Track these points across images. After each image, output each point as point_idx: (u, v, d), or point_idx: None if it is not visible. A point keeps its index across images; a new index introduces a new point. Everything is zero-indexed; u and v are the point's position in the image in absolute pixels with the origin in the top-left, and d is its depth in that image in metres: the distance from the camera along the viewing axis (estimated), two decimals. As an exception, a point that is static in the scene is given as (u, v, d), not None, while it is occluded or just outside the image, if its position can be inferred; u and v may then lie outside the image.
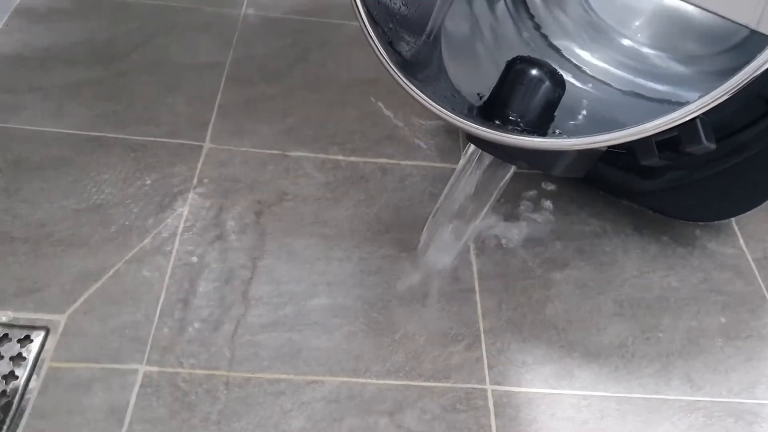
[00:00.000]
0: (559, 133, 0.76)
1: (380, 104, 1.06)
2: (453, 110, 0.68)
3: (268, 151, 1.01)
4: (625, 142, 0.63)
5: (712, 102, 0.58)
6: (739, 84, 0.57)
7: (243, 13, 1.27)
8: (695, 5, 0.84)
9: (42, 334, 0.76)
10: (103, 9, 1.23)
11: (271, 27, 1.24)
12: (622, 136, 0.62)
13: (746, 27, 0.80)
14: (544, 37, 0.92)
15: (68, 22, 1.19)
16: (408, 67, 0.71)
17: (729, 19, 0.81)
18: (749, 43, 0.83)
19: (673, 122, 0.60)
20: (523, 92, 0.74)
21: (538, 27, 0.92)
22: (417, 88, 0.69)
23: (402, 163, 1.01)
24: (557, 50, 0.91)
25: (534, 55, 0.90)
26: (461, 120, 0.67)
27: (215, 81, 1.11)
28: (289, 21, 1.26)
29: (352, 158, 1.01)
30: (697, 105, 0.59)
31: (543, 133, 0.75)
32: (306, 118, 1.07)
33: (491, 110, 0.75)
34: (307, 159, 1.00)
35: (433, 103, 0.68)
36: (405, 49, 0.73)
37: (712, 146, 0.76)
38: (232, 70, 1.14)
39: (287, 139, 1.03)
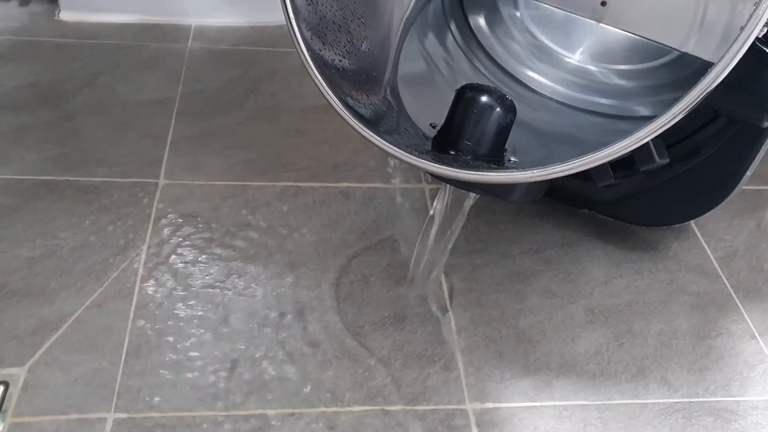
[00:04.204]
0: (514, 161, 0.76)
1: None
2: (406, 147, 0.67)
3: (225, 184, 0.99)
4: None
5: (662, 127, 0.59)
6: (686, 108, 0.58)
7: (189, 47, 1.25)
8: (628, 32, 0.87)
9: (1, 388, 0.72)
10: (43, 51, 1.20)
11: (220, 59, 1.23)
12: (576, 166, 0.62)
13: (676, 50, 0.84)
14: (497, 64, 0.93)
15: (9, 66, 1.16)
16: (370, 124, 0.70)
17: (659, 44, 0.84)
18: (685, 58, 0.86)
19: (626, 149, 0.60)
20: (474, 120, 0.74)
21: (489, 56, 0.93)
22: (368, 128, 0.68)
23: (363, 185, 1.01)
24: (511, 76, 0.92)
25: (489, 82, 0.91)
26: (415, 158, 0.66)
27: (166, 117, 1.09)
28: (238, 52, 1.25)
29: (312, 184, 1.00)
30: (648, 131, 0.59)
31: (498, 161, 0.75)
32: (262, 147, 1.05)
33: (445, 140, 0.75)
34: (266, 188, 0.99)
35: (387, 144, 0.67)
36: (358, 106, 0.72)
37: (666, 161, 0.77)
38: (182, 104, 1.12)
39: (244, 170, 1.01)
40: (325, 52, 0.72)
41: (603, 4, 0.89)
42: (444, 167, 0.66)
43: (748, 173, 0.86)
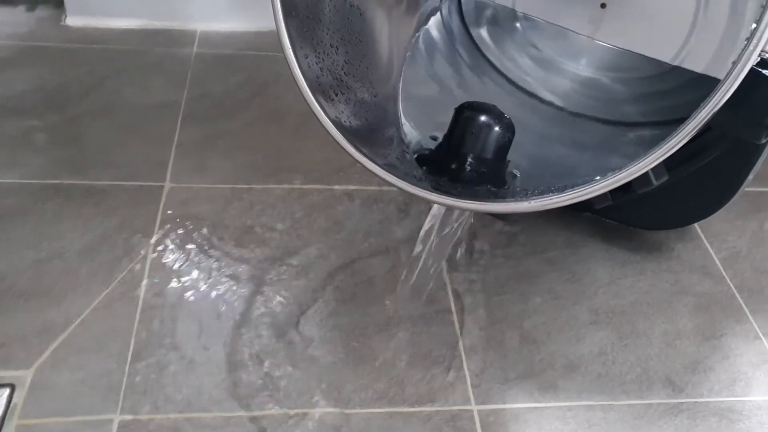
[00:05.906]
0: (515, 174, 0.76)
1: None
2: (405, 175, 0.67)
3: (231, 186, 0.99)
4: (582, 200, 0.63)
5: (658, 159, 0.59)
6: (679, 142, 0.58)
7: (194, 52, 1.26)
8: (621, 48, 0.88)
9: (7, 391, 0.73)
10: (50, 56, 1.21)
11: (225, 64, 1.24)
12: (575, 196, 0.61)
13: (668, 63, 0.85)
14: (505, 77, 0.94)
15: (15, 71, 1.16)
16: (390, 168, 0.70)
17: (653, 58, 0.86)
18: (678, 71, 0.86)
19: (622, 180, 0.60)
20: (473, 140, 0.74)
21: (497, 69, 0.94)
22: (369, 159, 0.69)
23: (368, 188, 1.01)
24: (520, 87, 0.93)
25: (500, 95, 0.92)
26: (414, 188, 0.66)
27: (172, 120, 1.10)
28: (242, 57, 1.26)
29: (317, 186, 1.01)
30: (641, 166, 0.59)
31: (499, 180, 0.75)
32: (267, 150, 1.06)
33: (445, 161, 0.75)
34: (271, 191, 0.99)
35: (386, 173, 0.67)
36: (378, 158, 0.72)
37: (664, 179, 0.78)
38: (188, 108, 1.12)
39: (250, 172, 1.02)
40: (339, 114, 0.73)
41: (603, 5, 0.90)
42: (443, 197, 0.66)
43: (750, 177, 0.87)
